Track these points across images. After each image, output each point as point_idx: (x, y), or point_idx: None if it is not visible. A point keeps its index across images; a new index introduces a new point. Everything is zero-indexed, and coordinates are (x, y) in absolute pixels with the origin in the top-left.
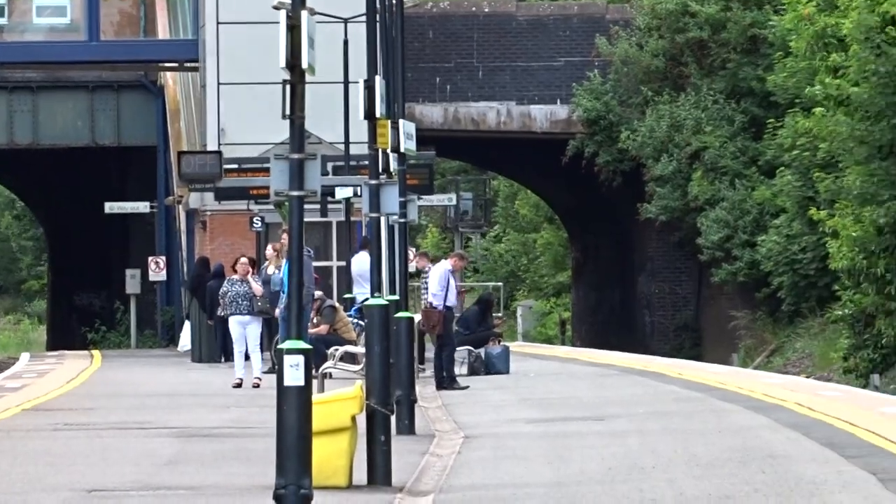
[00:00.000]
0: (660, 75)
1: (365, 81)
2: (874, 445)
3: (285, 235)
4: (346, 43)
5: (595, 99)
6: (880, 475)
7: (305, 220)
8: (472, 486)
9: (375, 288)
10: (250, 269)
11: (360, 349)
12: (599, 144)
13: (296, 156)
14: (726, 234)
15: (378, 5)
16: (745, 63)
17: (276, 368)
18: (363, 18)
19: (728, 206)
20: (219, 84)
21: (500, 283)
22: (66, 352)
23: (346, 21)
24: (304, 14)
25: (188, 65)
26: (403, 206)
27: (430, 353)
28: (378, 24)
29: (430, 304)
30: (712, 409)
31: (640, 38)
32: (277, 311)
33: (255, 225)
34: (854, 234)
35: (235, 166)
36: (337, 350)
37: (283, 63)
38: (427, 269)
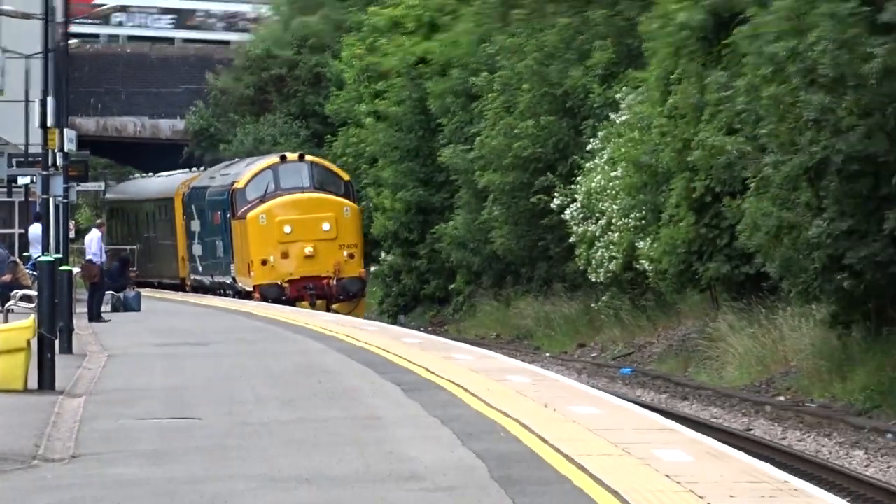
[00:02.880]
0: (250, 100)
1: (40, 101)
2: (399, 365)
3: None
4: (27, 72)
5: (202, 119)
6: (403, 386)
7: None
8: (113, 390)
9: (45, 249)
10: None
11: (34, 293)
12: (205, 149)
13: None
14: None
15: (50, 47)
16: (311, 92)
17: None
18: (40, 56)
19: None
20: None
21: (135, 247)
22: None
23: (27, 57)
24: None
25: None
26: (66, 190)
27: (84, 295)
28: (51, 60)
29: (91, 260)
30: (285, 338)
31: (238, 74)
32: None
33: None
34: (391, 210)
35: None
36: (17, 293)
37: None
38: None
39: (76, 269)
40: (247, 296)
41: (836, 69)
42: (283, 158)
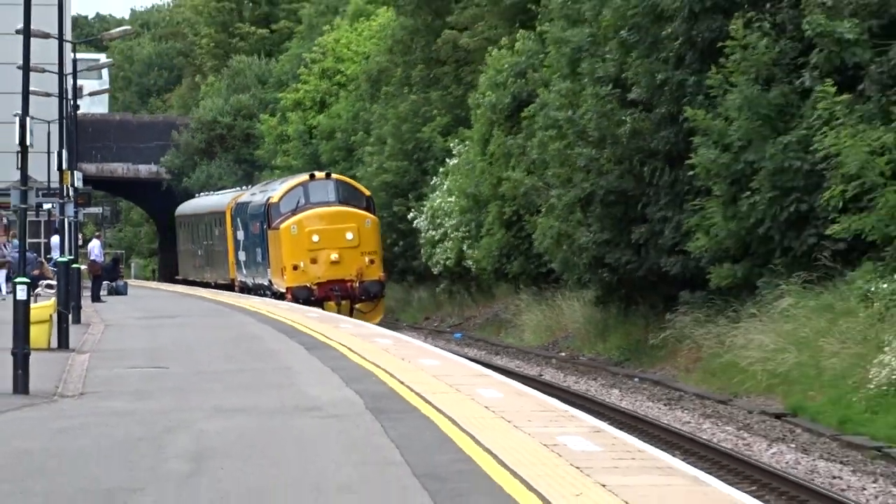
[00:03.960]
0: (202, 150)
1: (58, 152)
2: (304, 332)
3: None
4: (48, 133)
5: (175, 160)
6: (307, 346)
7: (29, 219)
8: (110, 349)
9: (62, 253)
10: None
11: (54, 282)
12: (175, 183)
13: (23, 187)
14: None
15: (64, 116)
16: (244, 146)
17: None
18: (57, 121)
19: None
20: None
21: (122, 251)
22: None
23: (48, 122)
24: (27, 120)
25: None
26: (75, 213)
27: (88, 284)
28: (65, 124)
29: (94, 260)
30: (229, 315)
31: (193, 133)
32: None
33: (3, 221)
34: None
35: None
36: (43, 283)
37: (17, 141)
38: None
39: (83, 267)
40: (281, 296)
41: (599, 131)
42: (312, 177)
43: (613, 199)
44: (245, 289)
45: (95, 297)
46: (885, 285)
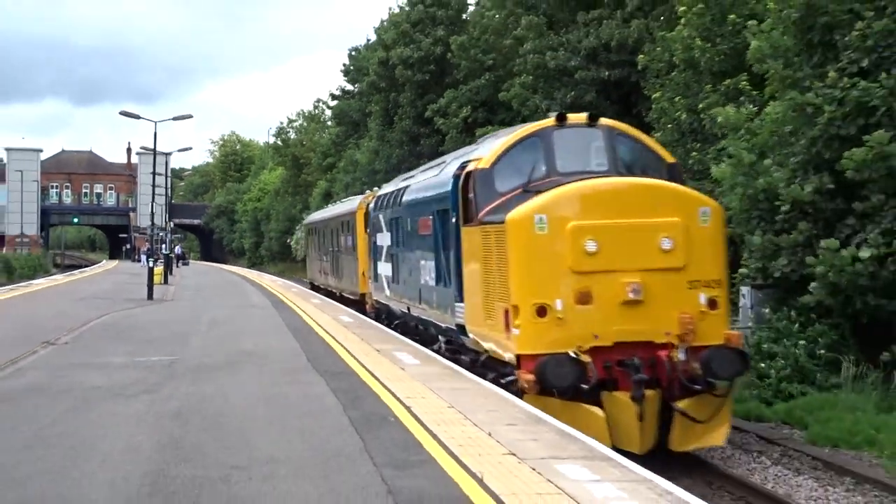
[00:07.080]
0: (215, 216)
1: (164, 215)
2: (254, 281)
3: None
4: (162, 208)
5: (206, 218)
6: (253, 285)
7: (154, 238)
8: (181, 285)
9: (165, 250)
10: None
11: (162, 261)
12: (206, 227)
13: (151, 226)
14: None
15: (166, 203)
16: (233, 216)
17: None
18: (165, 204)
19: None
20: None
21: (188, 249)
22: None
23: (161, 205)
24: (153, 203)
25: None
26: (170, 236)
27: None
28: (167, 206)
29: (177, 253)
30: (225, 273)
31: (213, 209)
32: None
33: (144, 238)
34: (248, 241)
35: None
36: (158, 261)
37: (150, 211)
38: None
39: (173, 255)
40: (501, 369)
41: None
42: (562, 119)
43: None
44: (388, 314)
45: (177, 266)
46: None
